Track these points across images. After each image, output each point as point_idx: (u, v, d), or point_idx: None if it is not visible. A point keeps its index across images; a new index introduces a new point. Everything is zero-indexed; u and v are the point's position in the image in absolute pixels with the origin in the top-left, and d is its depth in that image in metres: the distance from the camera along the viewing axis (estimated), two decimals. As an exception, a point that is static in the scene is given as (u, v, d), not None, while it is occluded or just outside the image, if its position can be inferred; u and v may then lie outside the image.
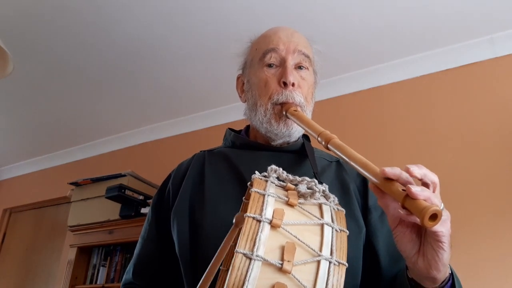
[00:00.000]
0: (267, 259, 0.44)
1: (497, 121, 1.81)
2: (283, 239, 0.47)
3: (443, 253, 0.53)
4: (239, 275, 0.43)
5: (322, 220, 0.50)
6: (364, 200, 0.80)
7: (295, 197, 0.52)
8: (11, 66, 1.34)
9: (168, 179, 0.88)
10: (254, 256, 0.44)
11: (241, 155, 0.84)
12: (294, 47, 0.83)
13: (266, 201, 0.49)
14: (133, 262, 0.85)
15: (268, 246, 0.45)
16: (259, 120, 0.82)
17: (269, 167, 0.56)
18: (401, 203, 0.48)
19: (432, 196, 0.48)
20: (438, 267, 0.54)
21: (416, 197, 0.47)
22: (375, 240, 0.76)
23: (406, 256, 0.57)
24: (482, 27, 1.86)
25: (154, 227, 0.85)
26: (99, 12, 1.85)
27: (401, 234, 0.55)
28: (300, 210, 0.51)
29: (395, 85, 2.12)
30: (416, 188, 0.47)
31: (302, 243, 0.47)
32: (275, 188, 0.53)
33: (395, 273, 0.73)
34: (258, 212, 0.47)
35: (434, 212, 0.44)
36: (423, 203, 0.46)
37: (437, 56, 2.02)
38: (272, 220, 0.47)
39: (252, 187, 0.51)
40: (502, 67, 1.88)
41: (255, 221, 0.47)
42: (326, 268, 0.46)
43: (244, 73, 0.92)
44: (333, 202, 0.55)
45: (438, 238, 0.52)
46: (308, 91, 0.84)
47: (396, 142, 2.00)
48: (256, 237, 0.45)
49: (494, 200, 1.70)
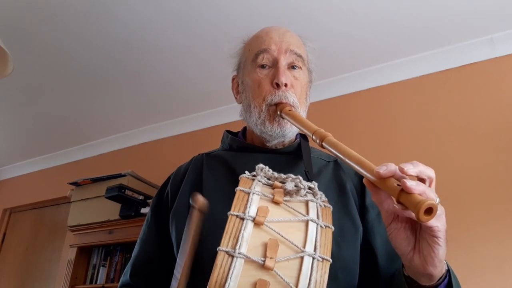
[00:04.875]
0: (250, 256, 0.44)
1: (497, 121, 1.81)
2: (266, 236, 0.47)
3: (439, 249, 0.52)
4: (221, 273, 0.44)
5: (307, 216, 0.51)
6: (361, 199, 0.80)
7: (280, 195, 0.52)
8: (11, 66, 1.34)
9: (167, 182, 0.88)
10: (236, 254, 0.44)
11: (238, 157, 0.84)
12: (286, 47, 0.83)
13: (251, 199, 0.49)
14: (130, 264, 0.85)
15: (251, 244, 0.46)
16: (254, 121, 0.82)
17: (257, 166, 0.56)
18: (396, 198, 0.48)
19: (427, 190, 0.48)
20: (434, 263, 0.53)
21: (411, 192, 0.46)
22: (373, 239, 0.76)
23: (401, 254, 0.56)
24: (482, 27, 1.86)
25: (153, 229, 0.85)
26: (99, 12, 1.85)
27: (395, 231, 0.55)
28: (285, 208, 0.51)
29: (395, 85, 2.12)
30: (411, 183, 0.47)
31: (285, 240, 0.47)
32: (262, 187, 0.54)
33: (393, 271, 0.73)
34: (241, 210, 0.48)
35: (429, 206, 0.44)
36: (418, 197, 0.45)
37: (437, 56, 2.02)
38: (256, 218, 0.47)
39: (239, 184, 0.52)
40: (502, 67, 1.88)
41: (238, 219, 0.47)
42: (310, 264, 0.46)
43: (239, 74, 0.92)
44: (320, 199, 0.55)
45: (434, 233, 0.51)
46: (302, 90, 0.84)
47: (396, 142, 2.00)
48: (239, 235, 0.45)
49: (494, 199, 1.69)
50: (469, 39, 1.93)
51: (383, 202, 0.53)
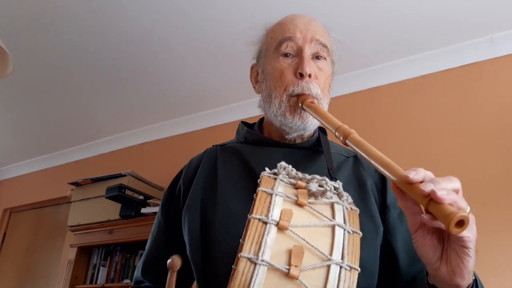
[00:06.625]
0: (273, 264, 0.42)
1: (497, 121, 1.81)
2: (291, 242, 0.44)
3: (468, 260, 0.49)
4: (243, 281, 0.41)
5: (333, 221, 0.47)
6: (382, 198, 0.76)
7: (305, 197, 0.48)
8: (11, 66, 1.34)
9: (179, 175, 0.85)
10: (259, 261, 0.41)
11: (254, 151, 0.80)
12: (311, 35, 0.79)
13: (274, 201, 0.46)
14: (142, 259, 0.83)
15: (275, 250, 0.43)
16: (273, 112, 0.78)
17: (279, 164, 0.53)
18: (424, 207, 0.45)
19: (458, 200, 0.45)
20: (463, 274, 0.50)
21: (442, 202, 0.43)
22: (393, 240, 0.73)
23: (427, 262, 0.53)
24: (482, 27, 1.86)
25: (164, 224, 0.83)
26: (99, 14, 1.85)
27: (421, 239, 0.51)
28: (310, 211, 0.48)
29: (395, 85, 2.12)
30: (441, 192, 0.44)
31: (311, 247, 0.44)
32: (284, 187, 0.50)
33: (414, 274, 0.70)
34: (264, 213, 0.44)
35: (461, 218, 0.41)
36: (449, 208, 0.42)
37: (437, 56, 2.02)
38: (279, 222, 0.44)
39: (260, 184, 0.48)
40: (502, 67, 1.88)
41: (261, 223, 0.44)
42: (337, 273, 0.43)
43: (259, 63, 0.87)
44: (346, 201, 0.52)
45: (464, 243, 0.48)
46: (325, 82, 0.80)
47: (396, 142, 2.00)
48: (261, 240, 0.42)
49: (494, 199, 1.69)
50: (469, 39, 1.93)
51: (409, 209, 0.50)
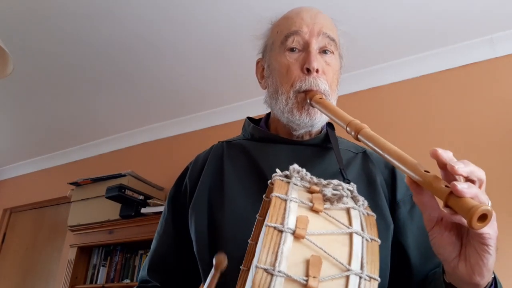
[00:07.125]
0: (291, 275, 0.40)
1: (497, 121, 1.81)
2: (308, 251, 0.42)
3: (488, 257, 0.47)
4: None
5: (351, 228, 0.45)
6: (392, 194, 0.74)
7: (320, 202, 0.46)
8: (11, 66, 1.34)
9: (185, 173, 0.84)
10: (276, 272, 0.39)
11: (261, 149, 0.78)
12: (318, 29, 0.76)
13: (289, 208, 0.44)
14: (148, 259, 0.82)
15: (292, 260, 0.41)
16: (280, 109, 0.76)
17: (291, 166, 0.51)
18: (444, 201, 0.43)
19: (479, 193, 0.43)
20: (482, 272, 0.48)
21: (463, 195, 0.41)
22: (404, 237, 0.71)
23: (444, 260, 0.51)
24: (482, 27, 1.86)
25: (170, 223, 0.81)
26: (98, 14, 1.85)
27: (439, 235, 0.49)
28: (326, 217, 0.46)
29: (395, 85, 2.12)
30: (462, 185, 0.42)
31: (329, 256, 0.42)
32: (298, 191, 0.48)
33: (426, 272, 0.68)
34: (279, 221, 0.42)
35: (484, 212, 0.40)
36: (471, 202, 0.41)
37: (437, 56, 2.02)
38: (296, 230, 0.42)
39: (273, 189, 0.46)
40: (502, 67, 1.88)
41: (277, 231, 0.41)
42: (356, 284, 0.41)
43: (264, 58, 0.85)
44: (362, 206, 0.50)
45: (484, 240, 0.46)
46: (333, 77, 0.77)
47: (396, 142, 1.98)
48: (278, 250, 0.40)
49: (494, 199, 1.69)
50: (469, 39, 1.93)
51: (426, 204, 0.48)
